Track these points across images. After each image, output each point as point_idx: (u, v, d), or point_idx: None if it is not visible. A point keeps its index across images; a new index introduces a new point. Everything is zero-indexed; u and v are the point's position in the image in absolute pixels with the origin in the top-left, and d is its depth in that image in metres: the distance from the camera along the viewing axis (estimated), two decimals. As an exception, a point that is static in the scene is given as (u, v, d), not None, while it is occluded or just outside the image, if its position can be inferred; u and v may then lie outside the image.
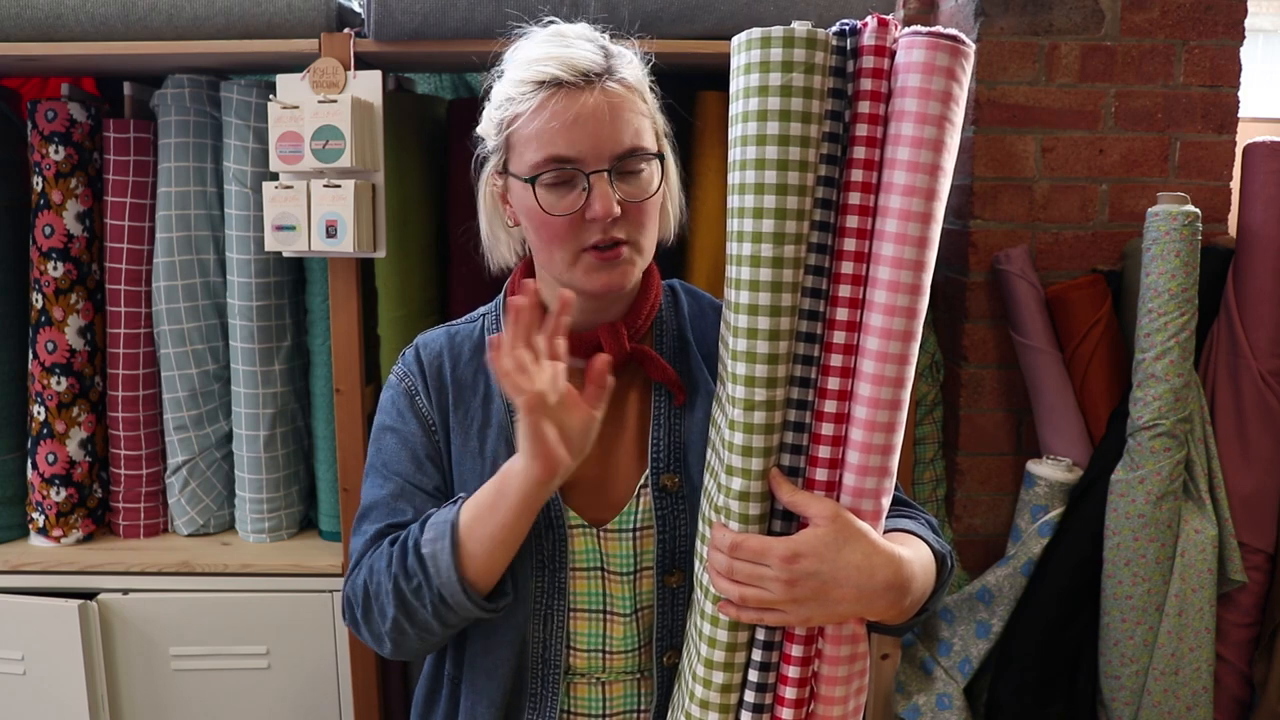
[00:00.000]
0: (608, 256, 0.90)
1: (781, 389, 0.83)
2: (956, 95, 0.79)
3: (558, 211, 0.89)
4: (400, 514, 0.97)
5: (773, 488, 0.84)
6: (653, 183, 0.92)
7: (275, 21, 1.48)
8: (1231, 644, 1.69)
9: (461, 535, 0.88)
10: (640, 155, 0.91)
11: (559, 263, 0.92)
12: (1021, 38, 1.76)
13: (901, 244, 0.79)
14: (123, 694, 1.65)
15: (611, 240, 0.90)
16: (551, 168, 0.89)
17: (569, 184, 0.90)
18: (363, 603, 0.94)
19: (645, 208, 0.92)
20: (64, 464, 1.67)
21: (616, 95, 0.90)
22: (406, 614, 0.91)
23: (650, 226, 0.94)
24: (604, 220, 0.88)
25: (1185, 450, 1.61)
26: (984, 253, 1.81)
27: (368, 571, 0.94)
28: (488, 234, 1.04)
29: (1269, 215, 1.63)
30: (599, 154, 0.88)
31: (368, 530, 0.97)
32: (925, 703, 1.74)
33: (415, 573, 0.89)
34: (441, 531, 0.89)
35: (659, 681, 0.98)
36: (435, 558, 0.88)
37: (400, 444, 0.99)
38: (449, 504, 0.93)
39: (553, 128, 0.88)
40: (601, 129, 0.88)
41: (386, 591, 0.91)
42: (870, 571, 0.81)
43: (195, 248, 1.64)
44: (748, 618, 0.85)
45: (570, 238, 0.90)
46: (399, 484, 0.98)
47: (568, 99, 0.88)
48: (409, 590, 0.89)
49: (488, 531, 0.88)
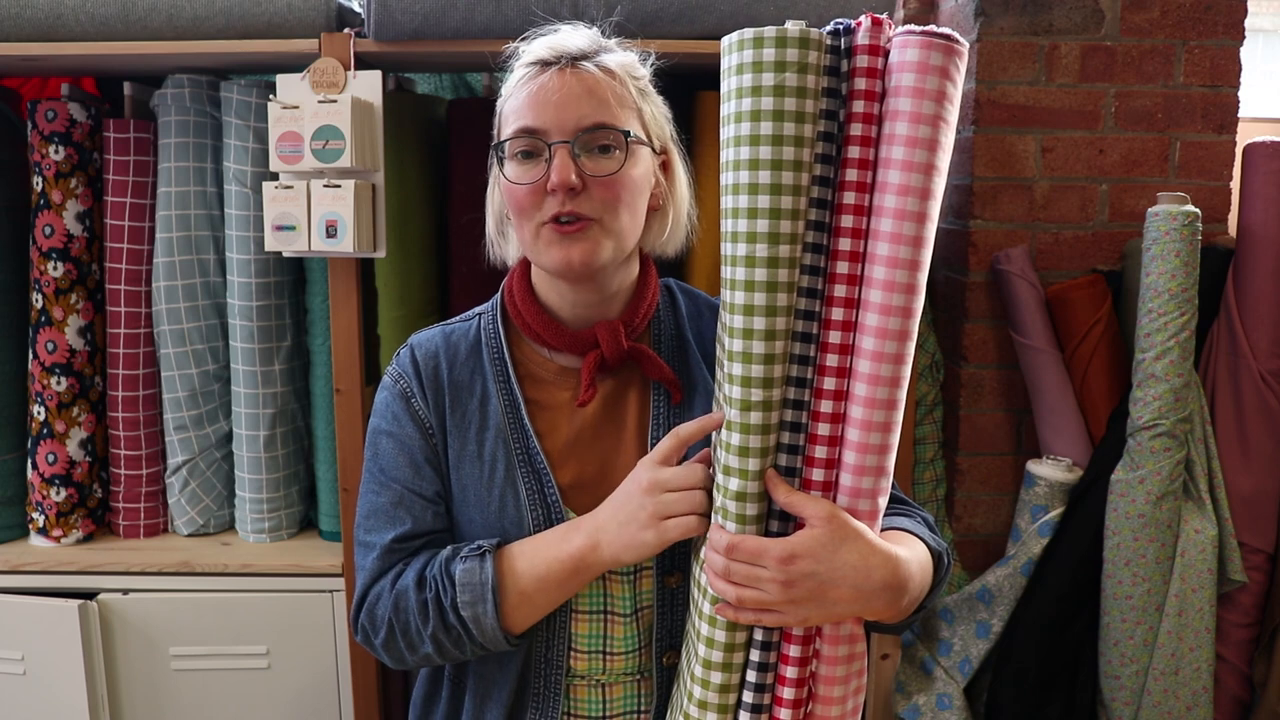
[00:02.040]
0: (567, 230, 0.89)
1: (778, 389, 0.83)
2: (951, 94, 0.78)
3: (521, 180, 0.90)
4: (401, 523, 0.97)
5: (769, 488, 0.84)
6: (623, 162, 0.91)
7: (275, 21, 1.48)
8: (1231, 644, 1.69)
9: (510, 600, 0.91)
10: (607, 130, 0.90)
11: (526, 238, 0.93)
12: (1021, 38, 1.76)
13: (896, 244, 0.79)
14: (123, 694, 1.66)
15: (571, 214, 0.89)
16: (517, 136, 0.90)
17: (535, 155, 0.90)
18: (386, 634, 0.95)
19: (614, 186, 0.90)
20: (64, 464, 1.67)
21: (592, 76, 0.90)
22: (440, 654, 0.95)
23: (622, 208, 0.91)
24: (561, 190, 0.88)
25: (1185, 450, 1.61)
26: (984, 253, 1.81)
27: (391, 609, 0.94)
28: (494, 229, 1.04)
29: (1269, 215, 1.62)
30: (562, 126, 0.89)
31: (374, 544, 0.97)
32: (925, 703, 1.74)
33: (455, 628, 0.92)
34: (480, 594, 0.90)
35: (659, 682, 0.98)
36: (478, 621, 0.91)
37: (397, 449, 0.99)
38: (471, 554, 0.93)
39: (523, 100, 0.90)
40: (567, 102, 0.89)
41: (419, 633, 0.93)
42: (867, 572, 0.81)
43: (195, 248, 1.64)
44: (745, 619, 0.85)
45: (533, 210, 0.90)
46: (397, 491, 0.98)
47: (544, 76, 0.90)
48: (448, 641, 0.93)
49: (549, 600, 0.93)
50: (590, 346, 0.96)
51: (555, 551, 0.91)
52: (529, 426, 0.98)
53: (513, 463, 0.96)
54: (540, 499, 0.95)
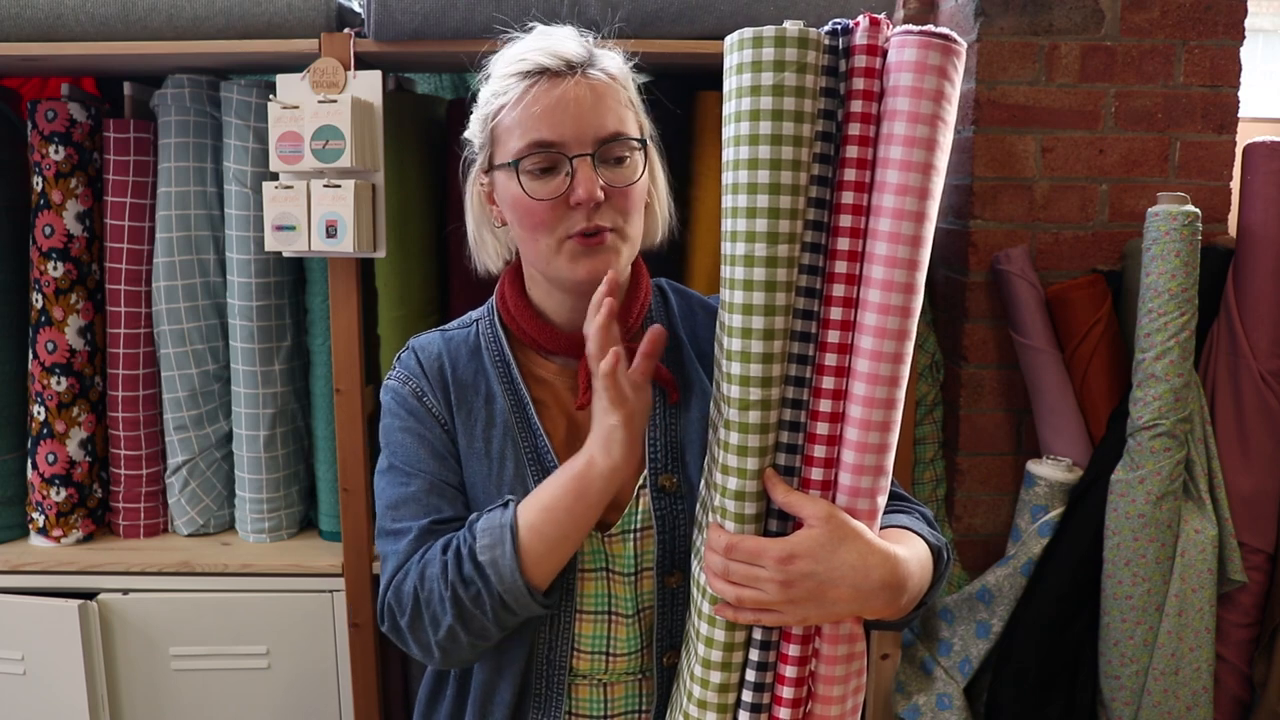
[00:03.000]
0: (591, 243, 0.89)
1: (776, 388, 0.83)
2: (949, 94, 0.79)
3: (541, 196, 0.89)
4: (437, 510, 0.95)
5: (767, 488, 0.84)
6: (637, 170, 0.92)
7: (275, 21, 1.48)
8: (1231, 644, 1.69)
9: (523, 538, 0.88)
10: (623, 141, 0.90)
11: (543, 251, 0.91)
12: (1021, 38, 1.76)
13: (895, 243, 0.79)
14: (123, 694, 1.66)
15: (595, 227, 0.89)
16: (534, 151, 0.89)
17: (552, 169, 0.90)
18: (411, 610, 0.91)
19: (630, 194, 0.91)
20: (64, 464, 1.67)
21: (600, 83, 0.90)
22: (463, 621, 0.89)
23: (635, 215, 0.92)
24: (588, 204, 0.88)
25: (1185, 450, 1.61)
26: (984, 253, 1.81)
27: (417, 578, 0.90)
28: (474, 236, 1.03)
29: (1269, 215, 1.62)
30: (581, 138, 0.88)
31: (409, 529, 0.94)
32: (925, 703, 1.74)
33: (473, 580, 0.88)
34: (499, 537, 0.87)
35: (659, 682, 0.98)
36: (496, 564, 0.87)
37: (418, 442, 0.97)
38: (494, 507, 0.91)
39: (535, 113, 0.88)
40: (584, 113, 0.88)
41: (441, 599, 0.89)
42: (865, 571, 0.81)
43: (195, 248, 1.64)
44: (745, 619, 0.85)
45: (554, 224, 0.90)
46: (428, 480, 0.96)
47: (550, 86, 0.89)
48: (467, 598, 0.88)
49: (561, 532, 0.88)
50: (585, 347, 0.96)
51: (556, 478, 0.90)
52: (537, 424, 0.98)
53: (521, 460, 0.97)
54: None
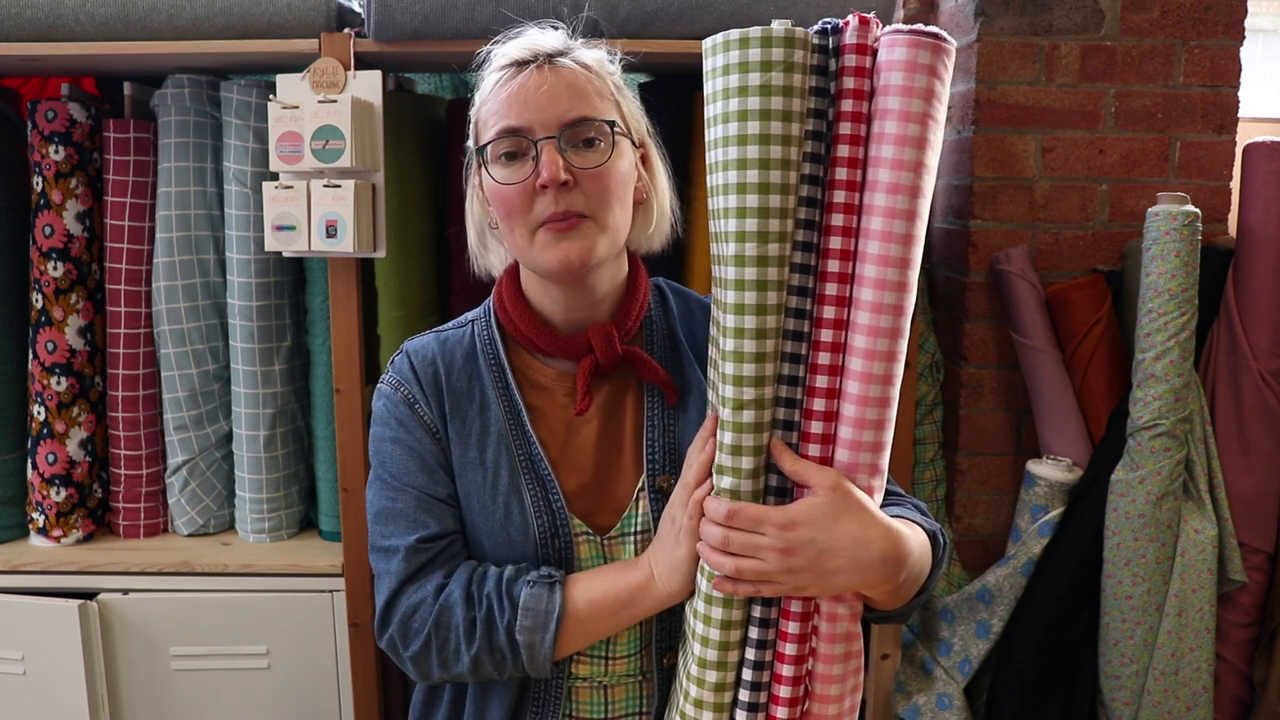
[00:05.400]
0: (562, 228, 0.89)
1: (770, 388, 0.83)
2: (939, 93, 0.79)
3: (509, 181, 0.89)
4: (424, 526, 0.95)
5: (775, 457, 0.84)
6: (610, 154, 0.91)
7: (275, 21, 1.48)
8: (1231, 644, 1.69)
9: (567, 625, 0.91)
10: (591, 123, 0.90)
11: (520, 242, 0.92)
12: (1021, 38, 1.76)
13: (887, 242, 0.79)
14: (123, 694, 1.66)
15: (565, 211, 0.89)
16: (500, 137, 0.90)
17: (520, 155, 0.90)
18: (420, 648, 0.92)
19: (602, 178, 0.90)
20: (64, 464, 1.67)
21: (570, 71, 0.91)
22: (475, 672, 0.93)
23: (613, 202, 0.91)
24: (553, 185, 0.87)
25: (1185, 450, 1.60)
26: (984, 253, 1.81)
27: (433, 625, 0.92)
28: (476, 241, 1.04)
29: (1269, 215, 1.62)
30: (546, 122, 0.89)
31: (397, 547, 0.94)
32: (925, 703, 1.74)
33: (502, 650, 0.90)
34: (542, 623, 0.89)
35: (659, 683, 0.98)
36: (532, 647, 0.90)
37: (406, 454, 0.97)
38: (540, 581, 0.92)
39: (503, 100, 0.90)
40: (548, 99, 0.89)
41: (458, 651, 0.91)
42: (866, 543, 0.81)
43: (195, 248, 1.64)
44: (743, 591, 0.84)
45: (525, 210, 0.90)
46: (415, 495, 0.96)
47: (521, 76, 0.90)
48: (490, 663, 0.92)
49: (600, 630, 0.92)
50: (584, 351, 0.96)
51: (613, 580, 0.92)
52: (532, 433, 0.97)
53: (516, 470, 0.96)
54: (545, 506, 0.95)
